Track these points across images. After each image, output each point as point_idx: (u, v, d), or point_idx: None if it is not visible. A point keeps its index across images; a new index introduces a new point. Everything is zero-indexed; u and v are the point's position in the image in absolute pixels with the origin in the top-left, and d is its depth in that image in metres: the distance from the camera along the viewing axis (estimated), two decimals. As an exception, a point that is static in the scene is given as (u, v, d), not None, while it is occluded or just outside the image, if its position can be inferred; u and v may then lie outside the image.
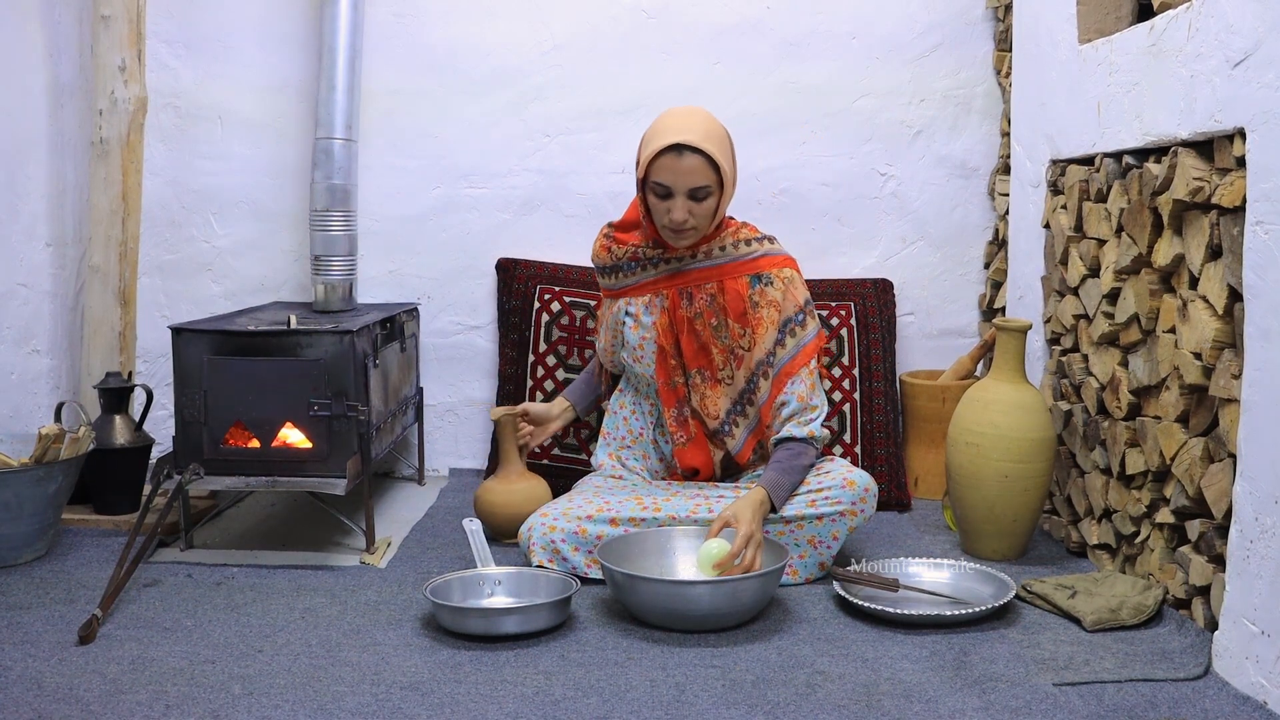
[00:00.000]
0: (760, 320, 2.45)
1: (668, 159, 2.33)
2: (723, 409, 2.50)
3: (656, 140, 2.35)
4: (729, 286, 2.45)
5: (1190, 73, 1.98)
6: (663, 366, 2.50)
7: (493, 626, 2.03)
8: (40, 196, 3.01)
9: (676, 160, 2.32)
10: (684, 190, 2.34)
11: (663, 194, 2.36)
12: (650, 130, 2.42)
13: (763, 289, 2.46)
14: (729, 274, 2.46)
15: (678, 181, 2.34)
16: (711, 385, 2.49)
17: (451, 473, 3.33)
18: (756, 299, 2.45)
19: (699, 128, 2.35)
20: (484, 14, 3.23)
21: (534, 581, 2.21)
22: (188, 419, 2.46)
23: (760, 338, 2.45)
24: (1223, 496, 1.89)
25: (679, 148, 2.32)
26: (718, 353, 2.47)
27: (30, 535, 2.43)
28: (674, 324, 2.49)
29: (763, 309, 2.45)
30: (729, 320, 2.45)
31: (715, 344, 2.47)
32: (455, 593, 2.16)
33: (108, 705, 1.75)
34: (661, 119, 2.42)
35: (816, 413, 2.44)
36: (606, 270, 2.60)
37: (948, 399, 2.99)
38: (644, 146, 2.41)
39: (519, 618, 2.04)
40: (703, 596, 2.06)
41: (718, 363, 2.47)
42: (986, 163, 3.28)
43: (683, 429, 2.52)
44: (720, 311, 2.46)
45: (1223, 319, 1.90)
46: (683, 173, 2.32)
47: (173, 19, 3.22)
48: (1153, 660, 1.93)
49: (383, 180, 3.26)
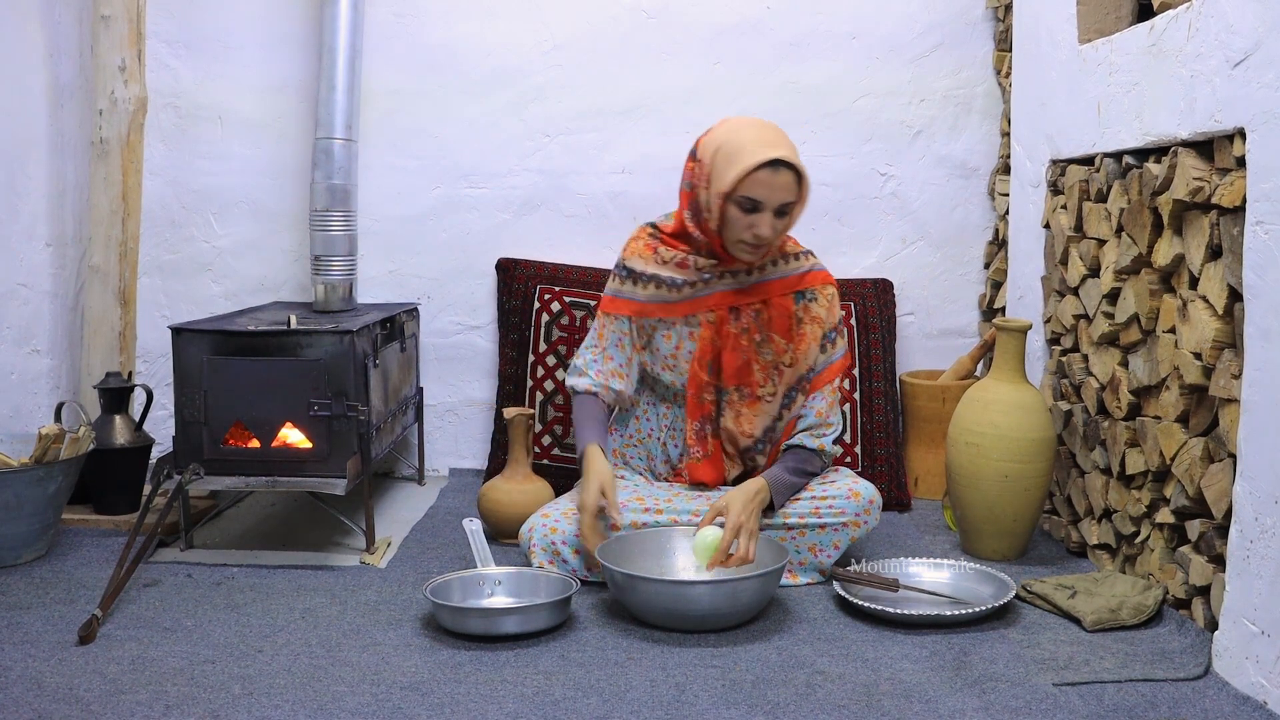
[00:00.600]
0: (804, 336, 2.43)
1: (765, 174, 2.24)
2: (759, 427, 2.46)
3: (748, 154, 2.24)
4: (776, 303, 2.42)
5: (1190, 73, 1.98)
6: (695, 380, 2.44)
7: (493, 626, 2.03)
8: (40, 196, 3.01)
9: (773, 175, 2.24)
10: (774, 206, 2.27)
11: (750, 208, 2.27)
12: (726, 143, 2.29)
13: (807, 305, 2.45)
14: (777, 291, 2.43)
15: (771, 197, 2.26)
16: (750, 403, 2.44)
17: (451, 473, 3.33)
18: (801, 315, 2.44)
19: (784, 142, 2.29)
20: (484, 14, 3.23)
21: (534, 581, 2.21)
22: (188, 419, 2.46)
23: (803, 353, 2.43)
24: (1223, 496, 1.89)
25: (776, 163, 2.24)
26: (759, 369, 2.42)
27: (30, 535, 2.43)
28: (719, 339, 2.42)
29: (807, 325, 2.44)
30: (773, 335, 2.42)
31: (758, 360, 2.42)
32: (455, 593, 2.16)
33: (108, 705, 1.75)
34: (735, 131, 2.31)
35: (831, 430, 2.45)
36: (643, 278, 2.45)
37: (948, 399, 2.99)
38: (724, 161, 2.28)
39: (519, 618, 2.04)
40: (702, 596, 2.06)
41: (758, 379, 2.43)
42: (986, 163, 3.28)
43: (701, 445, 2.46)
44: (765, 327, 2.42)
45: (1223, 319, 1.90)
46: (777, 188, 2.25)
47: (173, 19, 3.22)
48: (1153, 660, 1.93)
49: (383, 180, 3.26)
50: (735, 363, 2.42)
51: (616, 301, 2.50)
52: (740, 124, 2.35)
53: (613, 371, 2.48)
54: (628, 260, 2.49)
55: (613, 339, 2.49)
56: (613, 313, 2.50)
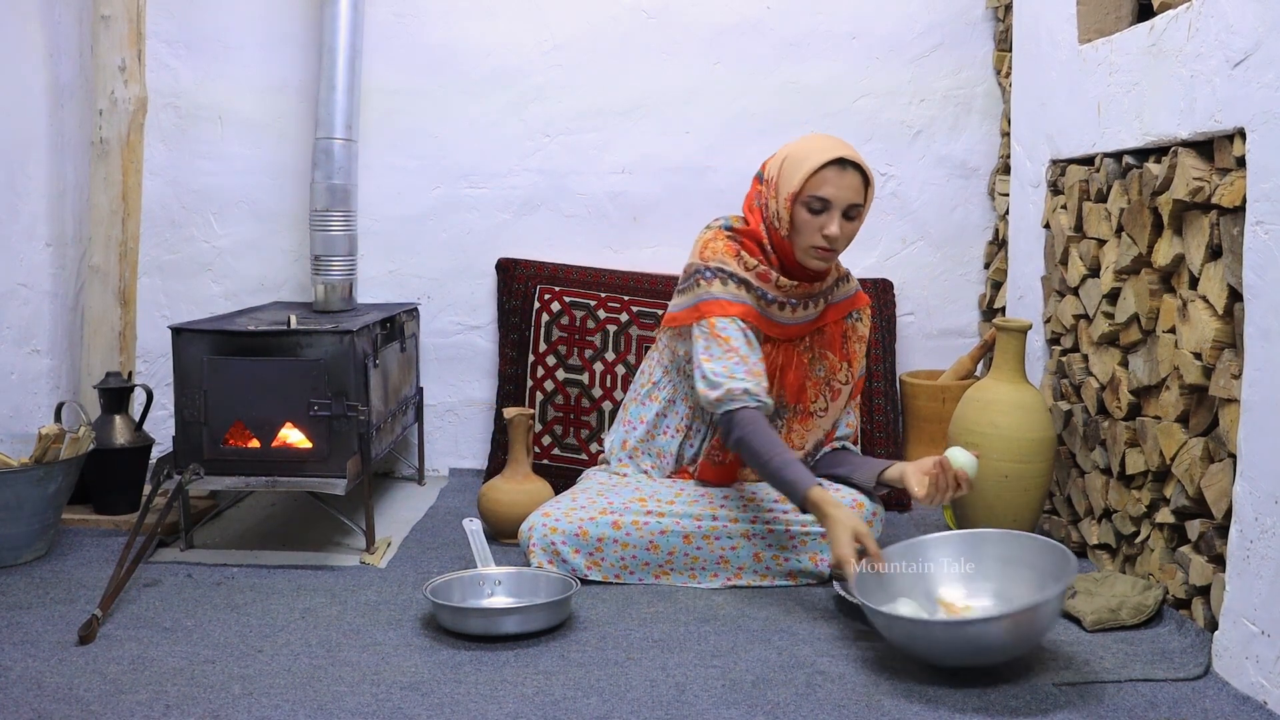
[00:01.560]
0: (855, 354, 2.52)
1: (831, 172, 2.27)
2: (810, 441, 2.49)
3: (815, 155, 2.28)
4: (830, 325, 2.49)
5: (1190, 73, 1.98)
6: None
7: (493, 626, 2.03)
8: (40, 196, 3.01)
9: (840, 175, 2.27)
10: (843, 205, 2.29)
11: (819, 209, 2.29)
12: (792, 153, 2.33)
13: (853, 325, 2.53)
14: (833, 315, 2.50)
15: (839, 195, 2.28)
16: (803, 419, 2.47)
17: (451, 473, 3.33)
18: (849, 334, 2.52)
19: (849, 147, 2.32)
20: (484, 14, 3.23)
21: (534, 581, 2.21)
22: (188, 419, 2.46)
23: (855, 370, 2.52)
24: (1223, 496, 1.89)
25: (843, 162, 2.28)
26: (811, 386, 2.47)
27: (30, 535, 2.43)
28: (784, 359, 2.44)
29: (854, 343, 2.53)
30: (827, 354, 2.48)
31: (810, 377, 2.47)
32: (455, 592, 2.16)
33: (108, 705, 1.75)
34: (801, 143, 2.35)
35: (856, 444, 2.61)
36: (735, 279, 2.35)
37: (948, 399, 2.99)
38: (793, 166, 2.31)
39: (519, 618, 2.04)
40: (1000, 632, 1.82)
41: (810, 395, 2.47)
42: (986, 163, 3.28)
43: (723, 450, 2.43)
44: (821, 345, 2.48)
45: (1223, 319, 1.90)
46: (844, 187, 2.28)
47: (173, 19, 3.22)
48: (1153, 660, 1.93)
49: (383, 180, 3.26)
50: (797, 382, 2.45)
51: (730, 305, 2.33)
52: (803, 138, 2.41)
53: (758, 373, 2.30)
54: (719, 261, 2.36)
55: (740, 339, 2.31)
56: (732, 315, 2.32)
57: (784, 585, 2.34)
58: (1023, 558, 2.03)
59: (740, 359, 2.28)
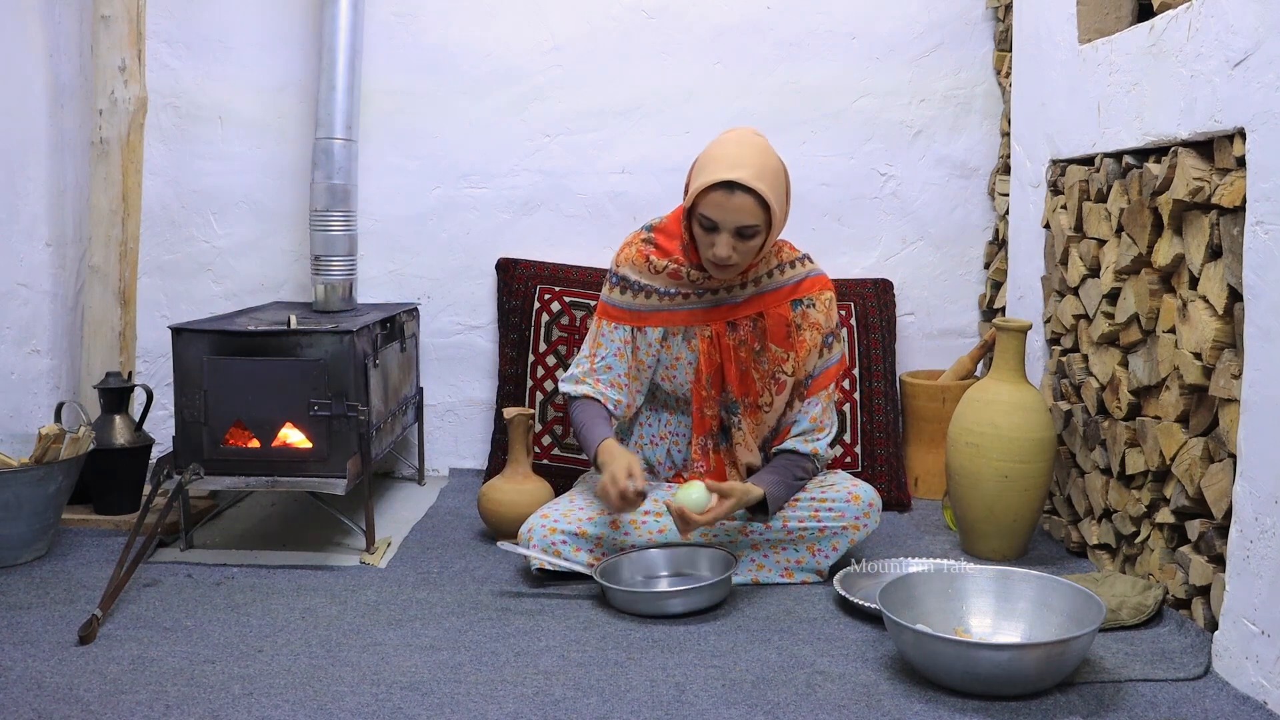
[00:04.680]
0: (803, 343, 2.39)
1: (718, 195, 2.19)
2: (759, 436, 2.43)
3: (708, 172, 2.21)
4: (772, 313, 2.38)
5: (1190, 73, 1.98)
6: (696, 396, 2.41)
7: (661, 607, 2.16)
8: (40, 196, 3.01)
9: (726, 197, 2.18)
10: (731, 228, 2.21)
11: (709, 227, 2.23)
12: (704, 156, 2.27)
13: (805, 311, 2.40)
14: (772, 302, 2.39)
15: (725, 219, 2.20)
16: (751, 413, 2.40)
17: (451, 473, 3.33)
18: (799, 321, 2.40)
19: (753, 163, 2.20)
20: (484, 14, 3.23)
21: (692, 556, 2.33)
22: (188, 419, 2.46)
23: (803, 360, 2.40)
24: (1223, 496, 1.89)
25: (730, 185, 2.18)
26: (758, 378, 2.39)
27: (30, 535, 2.43)
28: (718, 352, 2.39)
29: (805, 331, 2.40)
30: (770, 345, 2.37)
31: (756, 369, 2.39)
32: (624, 571, 2.29)
33: (108, 705, 1.75)
34: (717, 145, 2.27)
35: (825, 433, 2.42)
36: (635, 287, 2.42)
37: (948, 399, 2.99)
38: (695, 174, 2.27)
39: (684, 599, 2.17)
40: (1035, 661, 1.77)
41: (757, 388, 2.39)
42: (986, 163, 3.28)
43: (704, 459, 2.42)
44: (762, 336, 2.38)
45: (1223, 319, 1.90)
46: (731, 210, 2.19)
47: (173, 19, 3.22)
48: (1153, 660, 1.93)
49: (383, 180, 3.26)
50: (735, 373, 2.38)
51: (613, 310, 2.45)
52: (724, 140, 2.29)
53: (612, 382, 2.43)
54: (621, 269, 2.45)
55: (612, 348, 2.44)
56: (612, 320, 2.45)
57: (783, 583, 2.34)
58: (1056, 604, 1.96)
59: (602, 366, 2.44)
